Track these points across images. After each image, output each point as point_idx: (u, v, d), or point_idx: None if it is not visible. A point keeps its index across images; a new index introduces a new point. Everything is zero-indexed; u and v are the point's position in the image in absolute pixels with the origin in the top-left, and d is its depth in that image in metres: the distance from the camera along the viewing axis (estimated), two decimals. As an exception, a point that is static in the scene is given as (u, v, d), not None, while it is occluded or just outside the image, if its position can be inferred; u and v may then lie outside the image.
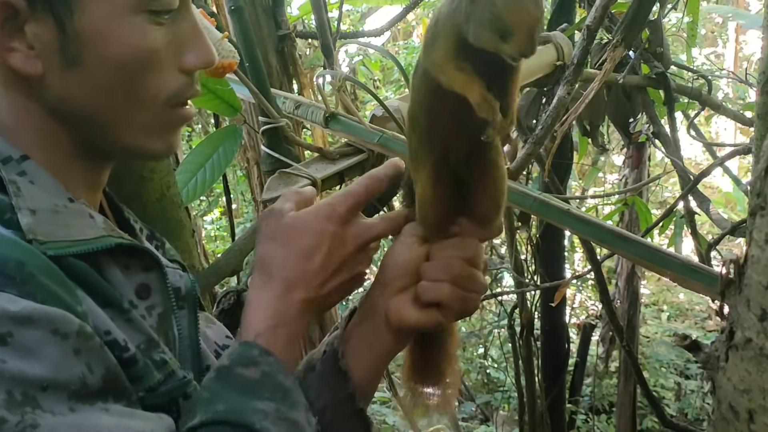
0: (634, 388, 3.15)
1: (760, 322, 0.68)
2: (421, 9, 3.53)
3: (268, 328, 0.69)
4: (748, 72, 2.17)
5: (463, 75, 0.65)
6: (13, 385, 0.51)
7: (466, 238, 0.76)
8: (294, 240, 0.72)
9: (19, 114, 0.67)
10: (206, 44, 0.70)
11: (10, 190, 0.62)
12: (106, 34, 0.64)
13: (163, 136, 0.71)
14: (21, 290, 0.54)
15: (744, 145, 1.97)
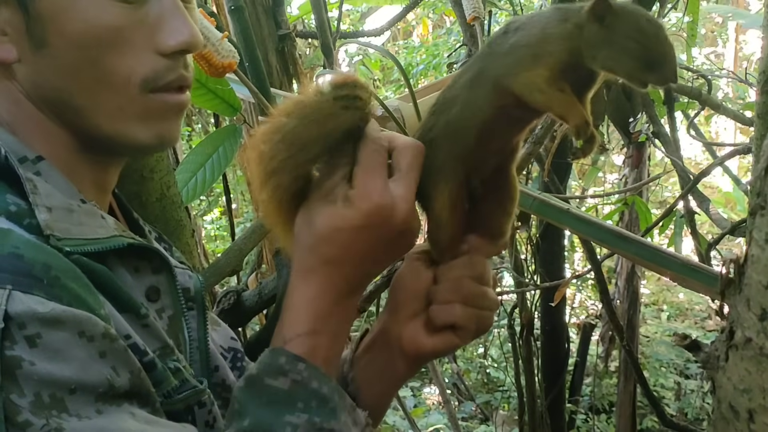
0: (634, 388, 3.15)
1: (760, 321, 0.68)
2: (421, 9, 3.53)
3: (305, 332, 0.65)
4: (748, 72, 2.17)
5: (565, 97, 0.66)
6: (41, 387, 0.51)
7: (474, 255, 0.74)
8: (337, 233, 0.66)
9: (14, 107, 0.67)
10: (186, 25, 0.66)
11: (28, 188, 0.62)
12: (64, 13, 0.63)
13: (147, 124, 0.67)
14: (48, 293, 0.54)
15: (744, 145, 1.97)
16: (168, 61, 0.67)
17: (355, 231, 0.65)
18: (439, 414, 3.79)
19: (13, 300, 0.52)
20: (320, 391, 0.62)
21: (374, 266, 0.70)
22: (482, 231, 0.75)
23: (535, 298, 2.72)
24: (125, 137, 0.67)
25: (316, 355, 0.64)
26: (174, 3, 0.67)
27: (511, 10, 2.58)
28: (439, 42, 4.49)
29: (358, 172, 0.66)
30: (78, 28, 0.63)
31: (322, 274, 0.67)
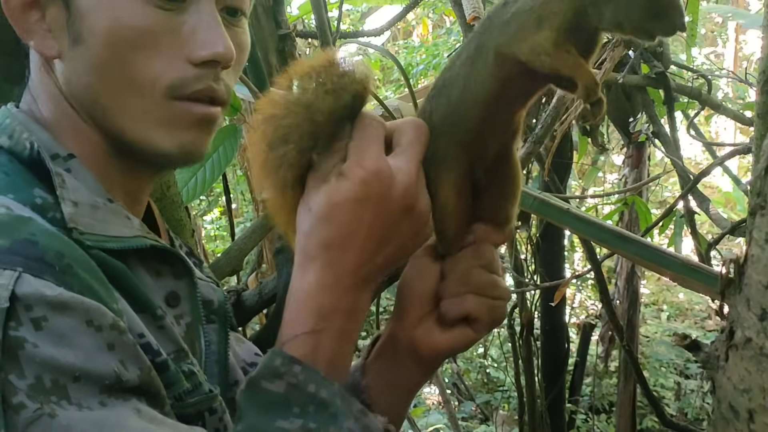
0: (633, 388, 3.15)
1: (760, 321, 0.68)
2: (421, 9, 3.53)
3: (305, 331, 0.61)
4: (747, 71, 2.17)
5: (573, 58, 0.64)
6: (43, 370, 0.51)
7: (481, 244, 0.72)
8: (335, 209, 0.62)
9: (52, 104, 0.68)
10: (220, 38, 0.65)
11: (56, 182, 0.62)
12: (99, 9, 0.63)
13: (170, 132, 0.67)
14: (59, 279, 0.54)
15: (744, 145, 1.97)
16: (197, 70, 0.66)
17: (352, 204, 0.61)
18: (439, 414, 3.78)
19: (21, 282, 0.52)
20: (318, 395, 0.59)
21: (380, 254, 0.64)
22: (488, 219, 0.73)
23: (535, 298, 2.72)
24: (147, 143, 0.67)
25: (318, 357, 0.61)
26: (212, 16, 0.66)
27: None
28: (439, 42, 4.49)
29: (351, 146, 0.64)
30: (110, 25, 0.64)
31: (323, 262, 0.62)
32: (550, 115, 1.38)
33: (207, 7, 0.66)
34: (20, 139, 0.65)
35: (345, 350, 0.64)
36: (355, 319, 0.65)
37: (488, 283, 0.71)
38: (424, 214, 0.66)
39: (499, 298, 0.72)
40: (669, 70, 2.18)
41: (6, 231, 0.55)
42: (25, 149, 0.64)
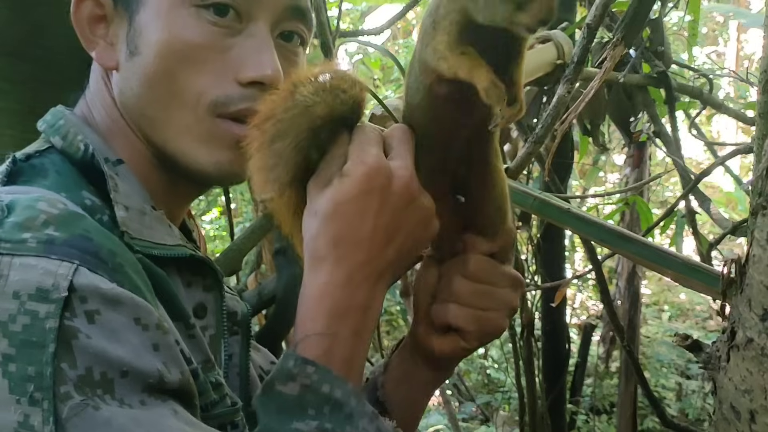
0: (634, 389, 3.15)
1: (761, 321, 0.68)
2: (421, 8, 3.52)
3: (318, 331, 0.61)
4: (749, 71, 2.16)
5: (469, 59, 0.61)
6: (94, 362, 0.51)
7: (470, 253, 0.72)
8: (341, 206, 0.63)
9: (105, 111, 0.71)
10: (270, 62, 0.67)
11: (110, 185, 0.64)
12: (156, 22, 0.66)
13: (209, 148, 0.68)
14: (111, 276, 0.55)
15: (745, 145, 1.96)
16: (243, 89, 0.67)
17: (356, 199, 0.62)
18: (440, 415, 3.78)
19: (79, 274, 0.53)
20: (332, 395, 0.59)
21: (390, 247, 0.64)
22: (474, 228, 0.73)
23: (535, 299, 2.71)
24: (186, 157, 0.69)
25: (333, 357, 0.61)
26: (265, 40, 0.68)
27: None
28: (439, 42, 4.46)
29: (350, 149, 0.65)
30: (164, 38, 0.66)
31: (334, 259, 0.63)
32: (551, 114, 1.37)
33: (261, 32, 0.68)
34: (74, 140, 0.66)
35: (359, 349, 0.64)
36: (369, 317, 0.65)
37: (473, 293, 0.71)
38: (428, 207, 0.67)
39: (490, 309, 0.71)
40: (670, 69, 2.17)
41: (63, 225, 0.56)
42: (79, 151, 0.65)
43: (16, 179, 0.63)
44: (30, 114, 0.98)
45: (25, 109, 0.99)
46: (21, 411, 0.49)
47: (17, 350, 0.50)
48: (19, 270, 0.52)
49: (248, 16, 0.67)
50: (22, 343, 0.50)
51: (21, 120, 0.99)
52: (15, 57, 0.97)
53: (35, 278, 0.52)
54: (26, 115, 0.98)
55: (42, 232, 0.54)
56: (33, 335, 0.50)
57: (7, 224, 0.54)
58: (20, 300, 0.51)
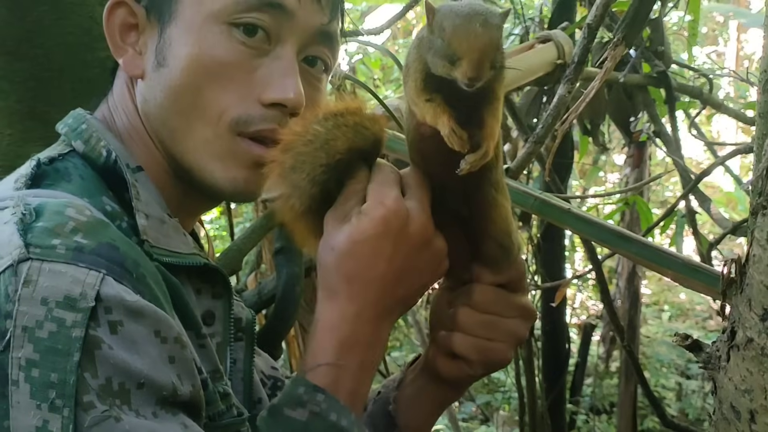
0: (634, 388, 3.15)
1: (761, 321, 0.67)
2: (421, 7, 3.52)
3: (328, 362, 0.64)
4: (749, 71, 2.16)
5: (433, 106, 0.64)
6: (114, 373, 0.52)
7: (476, 284, 0.73)
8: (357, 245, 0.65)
9: (126, 118, 0.71)
10: (294, 86, 0.68)
11: (132, 193, 0.65)
12: (186, 36, 0.67)
13: (226, 165, 0.69)
14: (135, 287, 0.56)
15: (745, 145, 1.96)
16: (265, 110, 0.68)
17: (372, 240, 0.64)
18: (440, 414, 3.77)
19: (105, 284, 0.53)
20: (339, 423, 0.61)
21: (400, 287, 0.67)
22: (481, 260, 0.74)
23: (535, 299, 2.71)
24: (202, 171, 0.69)
25: (339, 387, 0.63)
26: (291, 63, 0.69)
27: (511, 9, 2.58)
28: (439, 41, 4.46)
29: (370, 188, 0.67)
30: (192, 52, 0.66)
31: (346, 295, 0.65)
32: (551, 114, 1.37)
33: (288, 55, 0.69)
34: (96, 145, 0.66)
35: (365, 381, 0.67)
36: (375, 351, 0.68)
37: (477, 323, 0.72)
38: (441, 248, 0.69)
39: (495, 340, 0.72)
40: (670, 69, 2.17)
41: (92, 232, 0.56)
42: (101, 156, 0.66)
43: (40, 182, 0.63)
44: (29, 114, 0.98)
45: (24, 109, 0.98)
46: (40, 416, 0.49)
47: (41, 356, 0.50)
48: (48, 276, 0.52)
49: (277, 38, 0.68)
50: (47, 349, 0.50)
51: (20, 119, 0.98)
52: (13, 56, 0.97)
53: (64, 286, 0.52)
54: (25, 114, 0.98)
55: (71, 239, 0.54)
56: (58, 343, 0.50)
57: (37, 229, 0.55)
58: (48, 306, 0.51)
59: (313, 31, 0.70)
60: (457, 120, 0.63)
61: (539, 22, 2.42)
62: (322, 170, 0.67)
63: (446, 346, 0.73)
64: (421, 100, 0.64)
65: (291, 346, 1.95)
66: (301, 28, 0.69)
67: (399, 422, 0.76)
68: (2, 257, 0.53)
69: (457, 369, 0.74)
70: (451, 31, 0.60)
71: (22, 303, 0.51)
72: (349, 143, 0.67)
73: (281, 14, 0.67)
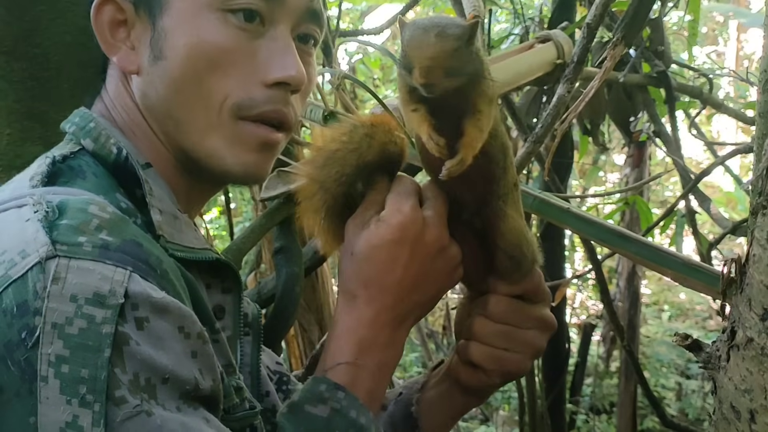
0: (634, 388, 3.15)
1: (761, 321, 0.67)
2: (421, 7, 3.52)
3: (347, 361, 0.67)
4: (749, 71, 2.15)
5: (417, 116, 0.67)
6: (141, 368, 0.52)
7: (492, 294, 0.75)
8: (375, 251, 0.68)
9: (126, 114, 0.71)
10: (294, 63, 0.69)
11: (146, 189, 0.65)
12: (182, 27, 0.67)
13: (234, 150, 0.69)
14: (159, 283, 0.56)
15: (745, 144, 1.96)
16: (268, 91, 0.69)
17: (390, 246, 0.67)
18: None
19: (132, 281, 0.54)
20: (359, 420, 0.64)
21: (417, 293, 0.70)
22: (494, 271, 0.75)
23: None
24: (212, 159, 0.70)
25: (358, 386, 0.66)
26: (287, 42, 0.70)
27: (511, 9, 2.58)
28: (439, 41, 4.46)
29: (389, 197, 0.71)
30: (191, 42, 0.67)
31: (364, 299, 0.68)
32: (551, 114, 1.37)
33: (283, 34, 0.69)
34: (106, 143, 0.67)
35: (382, 382, 0.69)
36: (393, 353, 0.70)
37: (493, 333, 0.74)
38: (455, 256, 0.72)
39: (512, 351, 0.74)
40: (670, 68, 2.17)
41: (116, 229, 0.56)
42: (111, 154, 0.66)
43: (56, 180, 0.64)
44: (27, 113, 0.98)
45: (22, 109, 0.98)
46: (70, 411, 0.49)
47: (71, 352, 0.50)
48: (76, 273, 0.52)
49: (271, 19, 0.69)
50: (77, 345, 0.50)
51: (18, 119, 0.98)
52: (11, 56, 0.97)
53: (93, 283, 0.52)
54: (24, 114, 0.98)
55: (96, 236, 0.55)
56: (89, 339, 0.51)
57: (62, 226, 0.55)
58: (77, 303, 0.51)
59: (303, 11, 0.71)
60: (436, 128, 0.66)
61: (539, 21, 2.42)
62: (351, 170, 0.71)
63: (464, 355, 0.75)
64: (408, 110, 0.68)
65: (290, 346, 1.95)
66: (292, 8, 0.70)
67: (421, 424, 0.78)
68: (29, 254, 0.53)
69: (476, 378, 0.76)
70: (407, 42, 0.64)
71: (52, 300, 0.51)
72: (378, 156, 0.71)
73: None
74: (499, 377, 0.75)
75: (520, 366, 0.75)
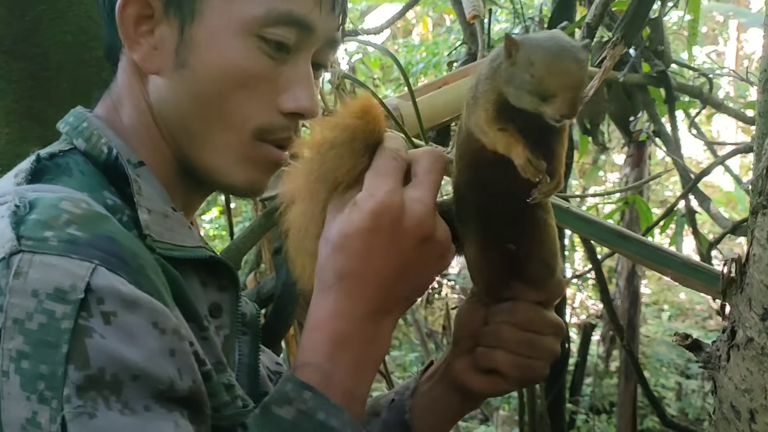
0: (634, 388, 3.14)
1: (761, 321, 0.67)
2: (421, 7, 3.53)
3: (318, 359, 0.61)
4: (749, 70, 2.15)
5: (506, 136, 0.62)
6: (107, 363, 0.51)
7: (519, 302, 0.73)
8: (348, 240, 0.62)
9: (135, 113, 0.71)
10: (310, 95, 0.70)
11: (134, 188, 0.65)
12: (213, 44, 0.67)
13: (245, 167, 0.70)
14: (132, 278, 0.55)
15: (745, 144, 1.96)
16: (284, 119, 0.70)
17: (365, 235, 0.61)
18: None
19: (97, 274, 0.53)
20: (327, 423, 0.58)
21: (400, 285, 0.64)
22: (522, 278, 0.73)
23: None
24: (221, 174, 0.71)
25: (331, 385, 0.60)
26: (306, 73, 0.70)
27: (511, 9, 2.58)
28: (439, 40, 4.48)
29: (366, 176, 0.64)
30: (220, 62, 0.67)
31: (339, 291, 0.62)
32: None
33: (304, 63, 0.70)
34: (98, 143, 0.67)
35: (363, 380, 0.63)
36: (375, 350, 0.64)
37: (520, 340, 0.72)
38: (443, 242, 0.65)
39: (534, 358, 0.72)
40: (670, 68, 2.17)
41: (87, 225, 0.56)
42: (102, 153, 0.66)
43: (41, 177, 0.64)
44: (27, 113, 0.98)
45: (21, 108, 0.98)
46: (30, 408, 0.49)
47: (32, 348, 0.50)
48: (39, 268, 0.52)
49: (297, 49, 0.69)
50: (37, 341, 0.50)
51: (17, 119, 0.98)
52: (11, 56, 0.97)
53: (55, 278, 0.52)
54: (23, 113, 0.98)
55: (64, 231, 0.54)
56: (48, 335, 0.50)
57: (29, 221, 0.55)
58: (38, 299, 0.51)
59: (326, 40, 0.72)
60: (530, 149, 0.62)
61: (539, 21, 2.42)
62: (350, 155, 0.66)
63: (487, 363, 0.73)
64: (493, 129, 0.63)
65: (290, 346, 1.94)
66: (318, 39, 0.70)
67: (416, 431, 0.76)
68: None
69: (491, 384, 0.73)
70: (543, 68, 0.58)
71: (13, 295, 0.51)
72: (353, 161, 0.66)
73: (306, 31, 0.68)
74: (519, 384, 0.74)
75: (541, 372, 0.73)
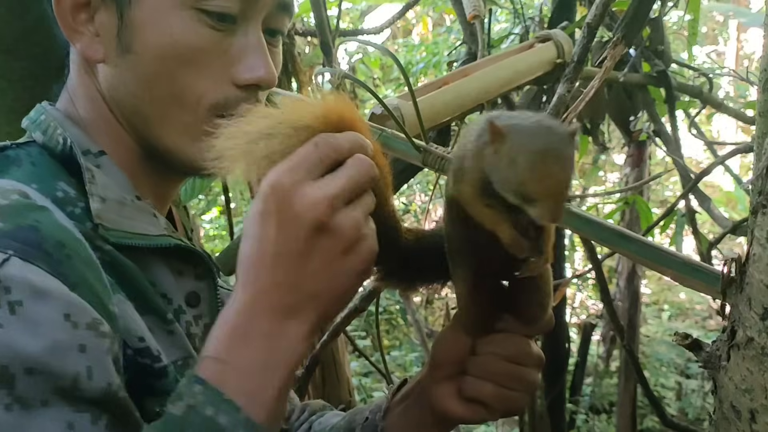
0: (634, 388, 3.14)
1: (761, 321, 0.67)
2: (421, 7, 3.52)
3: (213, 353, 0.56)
4: (749, 70, 2.15)
5: (492, 212, 0.61)
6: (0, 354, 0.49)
7: (510, 335, 0.72)
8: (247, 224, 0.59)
9: (90, 104, 0.70)
10: (265, 63, 0.68)
11: (86, 177, 0.64)
12: (154, 24, 0.65)
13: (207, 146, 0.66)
14: (53, 268, 0.53)
15: (745, 144, 1.96)
16: (240, 92, 0.68)
17: (256, 218, 0.57)
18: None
19: (8, 264, 0.52)
20: (215, 419, 0.52)
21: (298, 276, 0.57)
22: (515, 313, 0.73)
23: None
24: (184, 153, 0.69)
25: (227, 381, 0.54)
26: (258, 41, 0.69)
27: (511, 9, 2.57)
28: (439, 40, 4.48)
29: None
30: (163, 41, 0.66)
31: (241, 282, 0.58)
32: (551, 113, 1.37)
33: (254, 31, 0.69)
34: (54, 134, 0.67)
35: (267, 383, 0.56)
36: (282, 351, 0.57)
37: (508, 374, 0.72)
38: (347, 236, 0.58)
39: (518, 390, 0.72)
40: (670, 68, 2.17)
41: (12, 216, 0.55)
42: (58, 144, 0.66)
43: None
44: (27, 112, 0.98)
45: (22, 108, 0.98)
46: None
47: None
48: None
49: (243, 17, 0.68)
50: None
51: (17, 118, 0.98)
52: (12, 55, 0.97)
53: None
54: (23, 113, 0.98)
55: None
56: None
57: None
58: None
59: (274, 5, 0.70)
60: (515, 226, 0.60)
61: (539, 21, 2.42)
62: None
63: (473, 393, 0.72)
64: (479, 204, 0.62)
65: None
66: (266, 4, 0.69)
67: None
68: None
69: (473, 412, 0.73)
70: (527, 172, 0.54)
71: None
72: None
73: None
74: (501, 415, 0.74)
75: (522, 404, 0.74)
